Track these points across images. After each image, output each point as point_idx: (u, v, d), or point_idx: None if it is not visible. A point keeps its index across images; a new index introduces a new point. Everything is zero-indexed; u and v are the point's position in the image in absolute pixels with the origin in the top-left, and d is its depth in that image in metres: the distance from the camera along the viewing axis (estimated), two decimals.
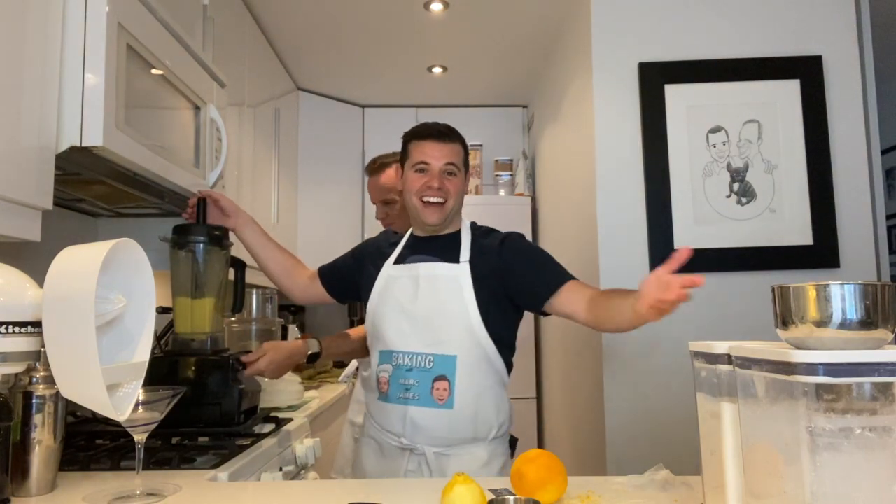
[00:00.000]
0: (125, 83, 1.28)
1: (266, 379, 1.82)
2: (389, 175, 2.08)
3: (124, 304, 1.02)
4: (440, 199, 1.56)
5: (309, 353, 1.81)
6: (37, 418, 1.13)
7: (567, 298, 1.49)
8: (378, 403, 1.58)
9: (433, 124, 1.62)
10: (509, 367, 1.60)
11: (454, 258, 1.56)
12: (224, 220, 1.71)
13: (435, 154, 1.57)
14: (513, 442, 1.63)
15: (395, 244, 1.68)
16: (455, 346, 1.51)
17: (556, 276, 1.53)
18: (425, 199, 1.56)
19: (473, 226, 1.66)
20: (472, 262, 1.55)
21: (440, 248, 1.59)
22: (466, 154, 1.64)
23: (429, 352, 1.51)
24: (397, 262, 1.63)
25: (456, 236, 1.62)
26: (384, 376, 1.56)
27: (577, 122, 2.62)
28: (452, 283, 1.53)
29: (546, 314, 1.56)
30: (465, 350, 1.50)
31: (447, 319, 1.51)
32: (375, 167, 2.13)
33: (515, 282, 1.54)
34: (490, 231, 1.66)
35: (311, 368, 3.10)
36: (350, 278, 1.73)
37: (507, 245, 1.58)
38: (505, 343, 1.56)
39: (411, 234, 1.68)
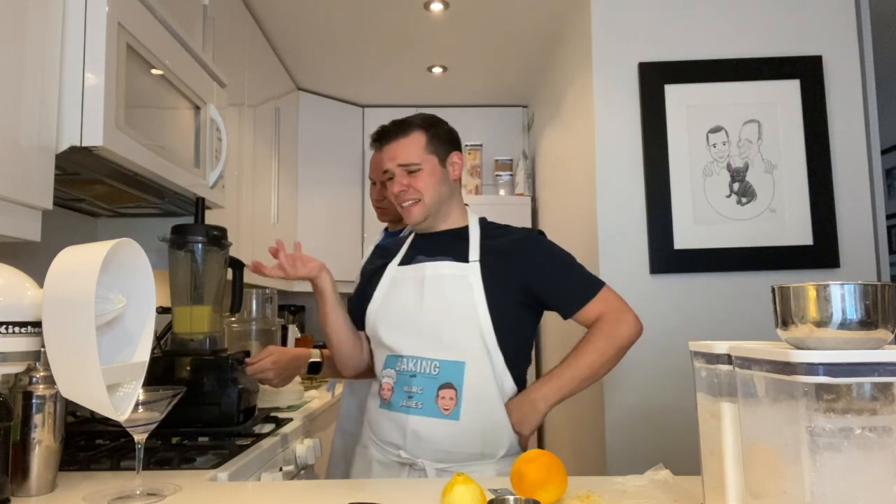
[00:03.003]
0: (125, 83, 1.28)
1: (271, 387, 1.78)
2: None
3: (124, 304, 1.02)
4: (413, 199, 1.48)
5: (311, 360, 1.77)
6: (37, 418, 1.13)
7: (588, 315, 1.46)
8: (378, 412, 1.48)
9: (381, 127, 1.54)
10: (522, 378, 1.50)
11: (463, 257, 1.47)
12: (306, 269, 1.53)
13: (388, 157, 1.50)
14: None
15: (399, 247, 1.60)
16: (463, 352, 1.40)
17: (588, 286, 1.48)
18: (402, 204, 1.50)
19: (483, 222, 1.57)
20: (482, 260, 1.45)
21: (447, 245, 1.50)
22: (434, 136, 1.51)
23: (435, 357, 1.41)
24: (403, 263, 1.54)
25: (463, 232, 1.52)
26: (387, 382, 1.46)
27: (577, 122, 2.62)
28: (461, 282, 1.43)
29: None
30: (475, 357, 1.40)
31: (455, 323, 1.41)
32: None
33: (541, 287, 1.46)
34: (503, 228, 1.56)
35: (311, 380, 3.10)
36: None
37: (531, 245, 1.49)
38: (516, 351, 1.46)
39: (415, 234, 1.60)
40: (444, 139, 1.54)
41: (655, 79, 2.27)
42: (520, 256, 1.47)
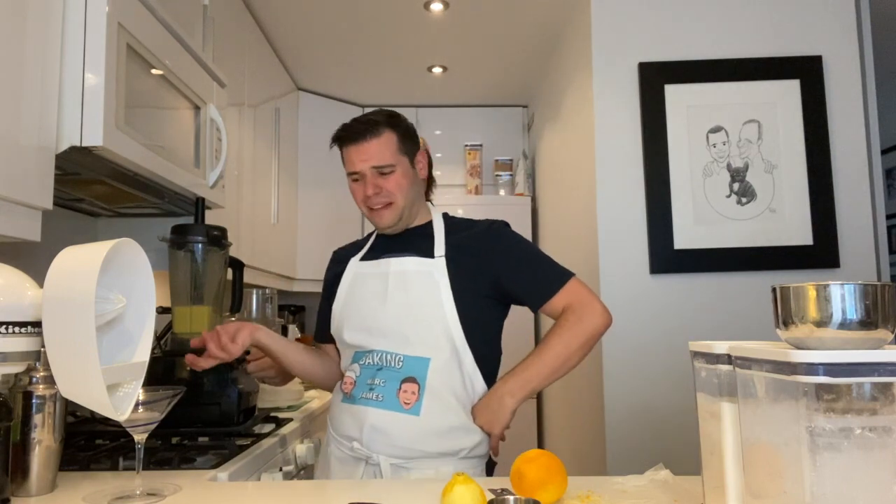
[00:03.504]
0: (125, 83, 1.28)
1: (273, 385, 1.78)
2: None
3: (124, 304, 1.02)
4: (385, 202, 1.45)
5: None
6: (37, 418, 1.13)
7: (555, 307, 1.43)
8: (340, 406, 1.44)
9: (352, 123, 1.47)
10: (493, 375, 1.47)
11: (428, 252, 1.43)
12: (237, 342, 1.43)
13: (360, 158, 1.44)
14: (490, 466, 1.46)
15: (361, 245, 1.59)
16: (428, 349, 1.37)
17: (555, 277, 1.43)
18: (372, 207, 1.46)
19: (446, 217, 1.53)
20: (448, 256, 1.42)
21: (411, 242, 1.47)
22: (404, 135, 1.47)
23: (399, 351, 1.38)
24: (366, 258, 1.52)
25: (427, 228, 1.49)
26: (350, 377, 1.43)
27: (577, 122, 2.62)
28: (427, 279, 1.40)
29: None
30: (440, 353, 1.37)
31: (420, 319, 1.39)
32: None
33: (508, 279, 1.43)
34: (468, 222, 1.51)
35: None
36: None
37: (496, 237, 1.46)
38: (485, 346, 1.43)
39: (377, 234, 1.58)
40: (412, 138, 1.50)
41: (655, 79, 2.27)
42: (485, 249, 1.44)
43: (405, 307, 1.40)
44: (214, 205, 1.82)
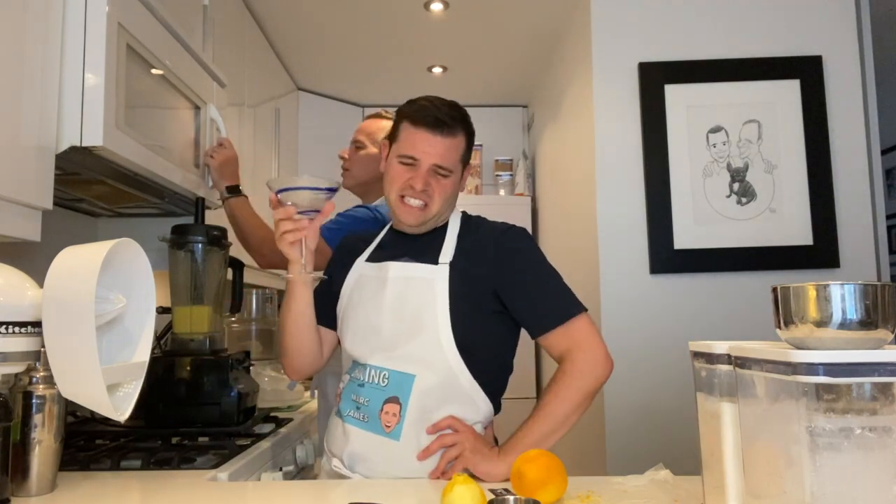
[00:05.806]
0: (125, 83, 1.28)
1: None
2: (375, 124, 2.01)
3: (124, 304, 1.02)
4: (422, 202, 1.31)
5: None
6: (37, 418, 1.13)
7: (555, 344, 1.28)
8: (332, 417, 1.37)
9: (433, 107, 1.37)
10: (500, 392, 1.34)
11: (433, 258, 1.30)
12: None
13: (426, 150, 1.31)
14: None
15: (370, 240, 1.46)
16: (415, 365, 1.25)
17: (562, 308, 1.28)
18: (405, 199, 1.32)
19: (465, 217, 1.40)
20: (454, 264, 1.29)
21: (419, 245, 1.34)
22: (469, 144, 1.39)
23: (386, 367, 1.27)
24: (371, 259, 1.40)
25: (440, 232, 1.36)
26: (340, 387, 1.37)
27: (577, 122, 2.62)
28: (426, 288, 1.27)
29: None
30: (428, 370, 1.24)
31: (412, 331, 1.26)
32: (374, 114, 2.09)
33: (508, 295, 1.29)
34: (485, 225, 1.38)
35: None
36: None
37: (505, 245, 1.31)
38: (486, 369, 1.28)
39: (390, 228, 1.45)
40: (471, 148, 1.42)
41: (655, 79, 2.27)
42: (491, 256, 1.30)
43: (399, 316, 1.28)
44: (214, 205, 1.82)
